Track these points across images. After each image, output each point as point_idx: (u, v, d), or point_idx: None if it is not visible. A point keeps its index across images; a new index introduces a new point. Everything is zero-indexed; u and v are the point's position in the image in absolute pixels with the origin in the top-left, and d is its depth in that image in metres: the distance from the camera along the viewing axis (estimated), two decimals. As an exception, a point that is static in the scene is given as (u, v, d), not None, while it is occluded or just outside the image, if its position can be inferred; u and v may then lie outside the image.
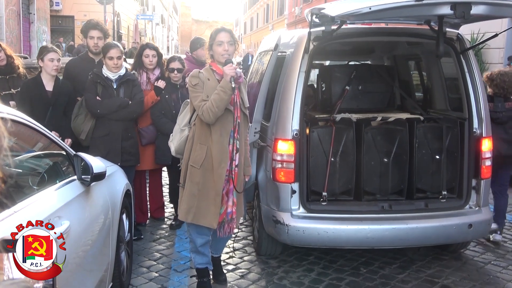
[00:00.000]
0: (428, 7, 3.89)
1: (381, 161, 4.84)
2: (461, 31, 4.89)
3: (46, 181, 2.94)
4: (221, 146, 3.84)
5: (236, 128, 3.87)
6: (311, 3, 32.77)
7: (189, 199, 3.91)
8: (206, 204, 3.89)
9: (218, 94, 3.71)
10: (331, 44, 5.05)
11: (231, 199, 3.98)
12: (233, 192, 3.97)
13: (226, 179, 3.92)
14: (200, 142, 3.89)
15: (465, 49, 4.75)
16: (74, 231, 2.78)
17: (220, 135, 3.84)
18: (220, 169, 3.85)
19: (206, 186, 3.87)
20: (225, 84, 3.72)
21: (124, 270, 4.10)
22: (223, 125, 3.85)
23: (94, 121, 5.03)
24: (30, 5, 17.75)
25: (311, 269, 4.73)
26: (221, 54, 3.86)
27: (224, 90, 3.71)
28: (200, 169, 3.86)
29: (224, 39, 3.87)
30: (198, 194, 3.89)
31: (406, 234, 4.42)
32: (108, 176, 3.58)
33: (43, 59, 4.98)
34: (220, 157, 3.85)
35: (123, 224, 4.15)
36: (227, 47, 3.86)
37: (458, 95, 4.96)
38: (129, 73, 5.21)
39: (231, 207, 3.99)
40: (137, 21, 38.30)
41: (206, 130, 3.86)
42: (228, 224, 4.05)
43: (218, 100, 3.71)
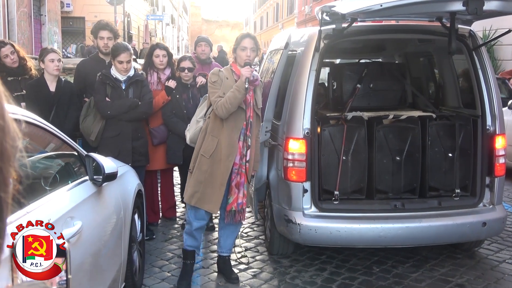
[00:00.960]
0: (440, 3, 3.86)
1: (393, 160, 4.81)
2: (472, 27, 4.85)
3: (58, 181, 2.95)
4: (230, 140, 4.14)
5: (248, 126, 4.16)
6: (321, 1, 32.69)
7: (195, 184, 4.20)
8: (211, 192, 4.17)
9: (233, 92, 4.02)
10: (342, 42, 5.03)
11: (241, 191, 4.24)
12: (243, 185, 4.23)
13: (237, 172, 4.19)
14: (213, 134, 4.18)
15: (477, 45, 4.71)
16: (86, 232, 2.78)
17: (231, 131, 4.14)
18: (227, 161, 4.14)
19: (213, 175, 4.17)
20: (240, 84, 4.02)
21: (136, 270, 4.10)
22: (235, 122, 4.14)
23: (104, 122, 5.04)
24: (41, 6, 17.86)
25: (323, 269, 4.71)
26: (243, 59, 4.17)
27: (239, 89, 4.02)
28: (209, 159, 4.16)
29: (248, 45, 4.19)
30: (204, 181, 4.17)
31: (419, 233, 4.39)
32: (120, 176, 3.59)
33: (43, 60, 5.03)
34: (229, 151, 4.13)
35: (135, 224, 4.16)
36: (249, 53, 4.17)
37: (470, 92, 4.92)
38: (138, 73, 5.21)
39: (241, 198, 4.25)
40: (147, 22, 38.41)
41: (219, 124, 4.16)
42: (239, 214, 4.29)
43: (232, 97, 4.01)
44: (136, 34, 32.34)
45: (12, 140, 0.54)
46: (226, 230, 4.46)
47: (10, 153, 0.54)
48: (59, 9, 20.50)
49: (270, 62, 6.15)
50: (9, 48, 5.36)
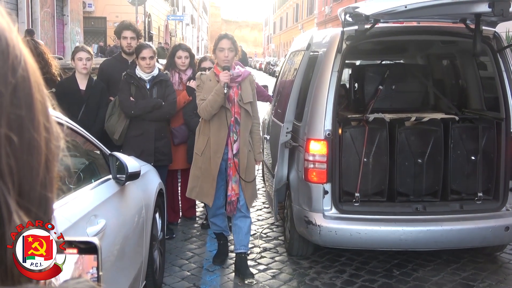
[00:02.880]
0: (465, 5, 3.83)
1: (415, 162, 4.77)
2: (496, 28, 4.79)
3: (82, 180, 2.98)
4: (217, 138, 4.38)
5: (234, 123, 4.36)
6: (341, 2, 32.57)
7: (193, 180, 4.54)
8: (206, 186, 4.46)
9: (213, 96, 4.24)
10: (364, 43, 5.01)
11: (230, 184, 4.43)
12: (232, 179, 4.42)
13: (225, 166, 4.43)
14: (203, 133, 4.46)
15: (502, 47, 4.65)
16: (109, 230, 2.81)
17: (217, 129, 4.37)
18: (216, 157, 4.40)
19: (206, 171, 4.44)
20: (219, 89, 4.24)
21: (157, 269, 4.13)
22: (220, 120, 4.35)
23: (128, 121, 5.09)
24: (64, 7, 18.08)
25: (343, 270, 4.69)
26: (221, 59, 4.33)
27: (218, 93, 4.24)
28: (201, 156, 4.45)
29: (225, 46, 4.33)
30: (201, 176, 4.47)
31: (441, 236, 4.34)
32: (142, 176, 3.62)
33: (74, 58, 5.10)
34: (216, 148, 4.39)
35: (156, 223, 4.19)
36: (227, 54, 4.31)
37: (494, 95, 4.86)
38: (162, 73, 5.25)
39: (230, 191, 4.45)
40: (168, 22, 38.65)
41: (207, 123, 4.42)
42: (228, 206, 4.50)
43: (213, 101, 4.24)
44: (156, 34, 32.57)
45: (56, 140, 0.56)
46: (237, 227, 4.57)
47: (55, 154, 0.55)
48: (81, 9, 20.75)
49: (291, 63, 6.14)
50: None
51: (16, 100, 0.51)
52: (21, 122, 0.51)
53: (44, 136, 0.54)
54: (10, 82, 0.50)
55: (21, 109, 0.51)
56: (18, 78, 0.51)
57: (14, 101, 0.51)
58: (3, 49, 0.51)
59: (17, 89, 0.51)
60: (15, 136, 0.51)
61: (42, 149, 0.54)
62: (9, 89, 0.50)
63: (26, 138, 0.52)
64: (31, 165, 0.53)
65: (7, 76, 0.50)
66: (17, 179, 0.51)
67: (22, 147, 0.51)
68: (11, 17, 0.56)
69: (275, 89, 6.80)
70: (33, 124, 0.53)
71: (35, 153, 0.53)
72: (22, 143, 0.51)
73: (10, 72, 0.51)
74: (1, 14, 0.53)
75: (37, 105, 0.54)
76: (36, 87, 0.54)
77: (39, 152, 0.53)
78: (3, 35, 0.51)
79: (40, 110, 0.54)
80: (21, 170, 0.51)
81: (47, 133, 0.55)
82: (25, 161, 0.52)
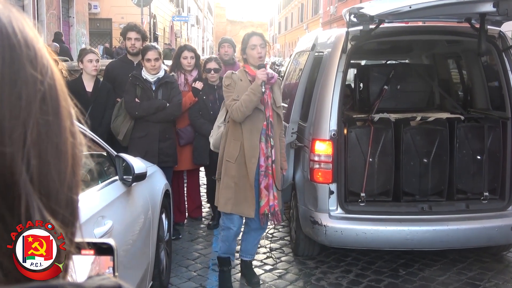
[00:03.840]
0: (470, 4, 3.82)
1: (420, 162, 4.78)
2: (502, 28, 4.78)
3: (89, 181, 3.00)
4: (251, 143, 4.06)
5: (269, 126, 4.06)
6: (346, 2, 32.52)
7: (226, 191, 4.12)
8: (243, 196, 4.09)
9: (248, 95, 3.94)
10: (369, 44, 5.02)
11: (271, 193, 4.11)
12: (272, 187, 4.11)
13: (264, 174, 4.08)
14: (234, 138, 4.12)
15: (507, 47, 4.64)
16: (116, 231, 2.83)
17: (250, 133, 4.06)
18: (251, 164, 4.06)
19: (241, 179, 4.09)
20: (256, 87, 3.94)
21: (163, 269, 4.15)
22: (254, 124, 4.06)
23: (133, 122, 5.11)
24: (69, 8, 18.15)
25: (349, 270, 4.70)
26: (255, 57, 4.08)
27: (254, 92, 3.94)
28: (235, 163, 4.09)
29: (257, 43, 4.09)
30: (235, 186, 4.10)
31: (447, 236, 4.34)
32: (148, 177, 3.64)
33: (82, 60, 5.13)
34: (251, 153, 4.05)
35: (163, 223, 4.21)
36: (260, 50, 4.08)
37: (500, 94, 4.85)
38: (167, 75, 5.27)
39: (272, 200, 4.12)
40: (173, 23, 38.71)
41: (238, 127, 4.10)
42: (273, 216, 4.17)
43: (248, 101, 3.94)
44: (162, 35, 32.62)
45: (80, 145, 0.58)
46: (249, 236, 4.40)
47: (80, 158, 0.58)
48: (86, 10, 20.81)
49: (296, 64, 6.15)
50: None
51: (45, 107, 0.54)
52: (49, 127, 0.54)
53: (70, 141, 0.57)
54: (39, 90, 0.53)
55: (49, 116, 0.54)
56: (46, 86, 0.54)
57: (43, 108, 0.53)
58: (32, 58, 0.53)
59: (45, 97, 0.54)
60: (45, 141, 0.53)
61: (69, 153, 0.56)
62: (38, 96, 0.53)
63: (54, 143, 0.54)
64: (59, 169, 0.55)
65: (36, 84, 0.53)
66: (45, 182, 0.53)
67: (50, 151, 0.54)
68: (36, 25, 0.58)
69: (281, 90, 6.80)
70: (60, 129, 0.55)
71: (63, 157, 0.55)
72: (51, 148, 0.54)
73: (39, 81, 0.53)
74: (30, 26, 0.56)
75: (63, 111, 0.56)
76: (62, 94, 0.57)
77: (66, 156, 0.56)
78: (32, 45, 0.54)
79: (66, 116, 0.57)
80: (50, 173, 0.54)
81: (73, 139, 0.57)
82: (54, 165, 0.54)
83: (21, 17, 0.55)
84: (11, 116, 0.50)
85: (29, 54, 0.53)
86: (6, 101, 0.50)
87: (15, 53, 0.52)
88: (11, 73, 0.51)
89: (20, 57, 0.52)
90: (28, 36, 0.54)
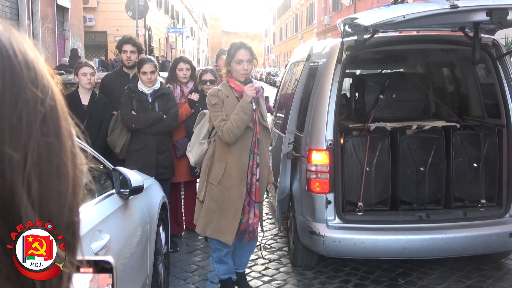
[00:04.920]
0: (463, 14, 3.85)
1: (417, 170, 4.78)
2: (495, 35, 4.82)
3: (86, 195, 2.99)
4: (241, 163, 3.84)
5: (256, 144, 3.87)
6: (340, 12, 32.71)
7: (207, 214, 3.94)
8: (225, 221, 3.90)
9: (238, 115, 3.70)
10: (364, 53, 5.04)
11: (252, 211, 3.97)
12: (254, 205, 3.97)
13: (248, 191, 3.91)
14: (219, 159, 3.89)
15: (501, 54, 4.67)
16: (114, 245, 2.82)
17: (240, 153, 3.84)
18: (241, 186, 3.85)
19: (225, 203, 3.88)
20: (246, 105, 3.71)
21: (161, 282, 4.13)
22: (243, 143, 3.85)
23: (129, 135, 5.11)
24: (64, 22, 18.19)
25: (348, 280, 4.68)
26: (240, 73, 3.82)
27: (244, 110, 3.71)
28: (218, 186, 3.87)
29: (243, 58, 3.83)
30: (217, 210, 3.90)
31: (445, 244, 4.34)
32: (145, 189, 3.63)
33: (77, 74, 5.13)
34: (241, 175, 3.84)
35: (160, 236, 4.19)
36: (246, 66, 3.82)
37: (495, 102, 4.87)
38: (164, 87, 5.28)
39: (252, 219, 3.99)
40: (168, 35, 38.81)
41: (225, 148, 3.86)
42: (248, 235, 4.02)
43: (239, 120, 3.70)
44: (157, 47, 32.70)
45: (81, 165, 0.58)
46: (241, 250, 4.29)
47: (81, 179, 0.58)
48: (82, 23, 20.86)
49: (291, 74, 6.17)
50: None
51: (46, 128, 0.53)
52: (50, 149, 0.54)
53: (71, 162, 0.56)
54: (39, 111, 0.53)
55: (49, 137, 0.54)
56: (47, 107, 0.54)
57: (43, 129, 0.53)
58: (33, 79, 0.53)
59: (46, 118, 0.54)
60: (45, 163, 0.53)
61: (70, 174, 0.56)
62: (39, 118, 0.53)
63: (55, 165, 0.54)
64: (60, 191, 0.55)
65: (36, 105, 0.53)
66: (46, 205, 0.53)
67: (51, 173, 0.54)
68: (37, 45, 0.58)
69: (276, 100, 6.82)
70: (61, 150, 0.55)
71: (63, 179, 0.55)
72: (51, 169, 0.54)
73: (40, 102, 0.53)
74: (30, 47, 0.56)
75: (64, 132, 0.56)
76: (62, 115, 0.57)
77: (67, 177, 0.56)
78: (32, 66, 0.54)
79: (67, 137, 0.57)
80: (51, 195, 0.54)
81: (73, 159, 0.57)
82: (54, 187, 0.54)
83: (22, 38, 0.55)
84: (12, 138, 0.50)
85: (30, 75, 0.53)
86: (7, 123, 0.50)
87: (16, 74, 0.52)
88: (11, 94, 0.51)
89: (21, 78, 0.52)
90: (29, 57, 0.54)
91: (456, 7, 3.62)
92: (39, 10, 14.52)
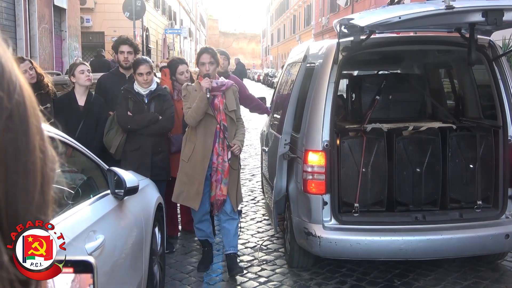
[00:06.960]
0: (459, 15, 3.84)
1: (413, 171, 4.78)
2: (492, 37, 4.82)
3: (81, 195, 2.98)
4: (204, 144, 4.64)
5: (222, 129, 4.62)
6: (338, 13, 32.74)
7: (180, 185, 4.76)
8: (192, 191, 4.67)
9: (196, 103, 4.55)
10: (360, 54, 5.03)
11: (219, 187, 4.66)
12: (221, 181, 4.65)
13: (215, 170, 4.66)
14: (189, 140, 4.73)
15: (497, 56, 4.67)
16: (108, 245, 2.81)
17: (204, 135, 4.64)
18: (203, 163, 4.63)
19: (193, 176, 4.67)
20: (202, 95, 4.54)
21: (157, 283, 4.12)
22: (207, 127, 4.64)
23: (125, 135, 5.09)
24: (61, 22, 18.14)
25: (344, 281, 4.68)
26: (203, 72, 4.68)
27: (201, 99, 4.54)
28: (188, 162, 4.69)
29: (205, 61, 4.68)
30: (187, 182, 4.70)
31: (441, 245, 4.34)
32: (141, 190, 3.62)
33: (74, 74, 5.10)
34: (203, 154, 4.63)
35: (156, 237, 4.18)
36: (208, 67, 4.65)
37: (491, 103, 4.88)
38: (160, 87, 5.26)
39: (219, 194, 4.67)
40: (166, 36, 38.79)
41: (193, 131, 4.69)
42: (217, 205, 4.71)
43: (196, 107, 4.54)
44: (154, 48, 32.67)
45: (51, 162, 0.56)
46: (224, 229, 4.85)
47: (51, 177, 0.56)
48: (79, 24, 20.81)
49: (288, 75, 6.17)
50: (27, 64, 5.41)
51: (12, 124, 0.51)
52: (16, 146, 0.52)
53: (39, 159, 0.55)
54: (6, 108, 0.51)
55: (16, 134, 0.52)
56: (14, 103, 0.52)
57: (9, 126, 0.51)
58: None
59: (13, 114, 0.52)
60: (11, 160, 0.51)
61: (38, 172, 0.54)
62: (5, 114, 0.51)
63: (21, 162, 0.52)
64: (27, 189, 0.53)
65: (2, 102, 0.51)
66: (13, 204, 0.51)
67: (17, 171, 0.52)
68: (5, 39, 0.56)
69: (273, 101, 6.82)
70: (28, 148, 0.53)
71: (31, 176, 0.53)
72: (18, 167, 0.52)
73: (6, 98, 0.51)
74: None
75: (32, 129, 0.54)
76: (31, 111, 0.55)
77: (35, 175, 0.54)
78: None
79: (35, 133, 0.55)
80: (17, 193, 0.52)
81: (42, 156, 0.55)
82: (21, 185, 0.52)
83: None
84: None
85: None
86: None
87: None
88: None
89: None
90: None
91: (451, 7, 3.61)
92: (36, 11, 14.47)
